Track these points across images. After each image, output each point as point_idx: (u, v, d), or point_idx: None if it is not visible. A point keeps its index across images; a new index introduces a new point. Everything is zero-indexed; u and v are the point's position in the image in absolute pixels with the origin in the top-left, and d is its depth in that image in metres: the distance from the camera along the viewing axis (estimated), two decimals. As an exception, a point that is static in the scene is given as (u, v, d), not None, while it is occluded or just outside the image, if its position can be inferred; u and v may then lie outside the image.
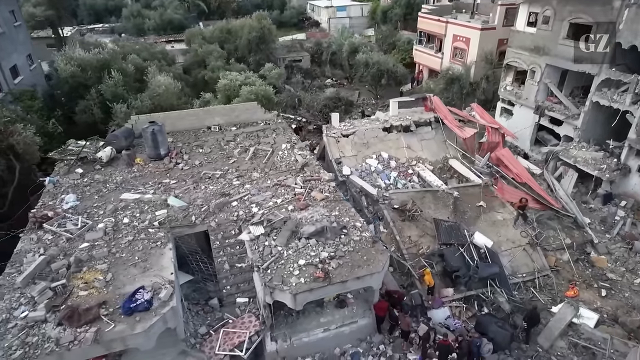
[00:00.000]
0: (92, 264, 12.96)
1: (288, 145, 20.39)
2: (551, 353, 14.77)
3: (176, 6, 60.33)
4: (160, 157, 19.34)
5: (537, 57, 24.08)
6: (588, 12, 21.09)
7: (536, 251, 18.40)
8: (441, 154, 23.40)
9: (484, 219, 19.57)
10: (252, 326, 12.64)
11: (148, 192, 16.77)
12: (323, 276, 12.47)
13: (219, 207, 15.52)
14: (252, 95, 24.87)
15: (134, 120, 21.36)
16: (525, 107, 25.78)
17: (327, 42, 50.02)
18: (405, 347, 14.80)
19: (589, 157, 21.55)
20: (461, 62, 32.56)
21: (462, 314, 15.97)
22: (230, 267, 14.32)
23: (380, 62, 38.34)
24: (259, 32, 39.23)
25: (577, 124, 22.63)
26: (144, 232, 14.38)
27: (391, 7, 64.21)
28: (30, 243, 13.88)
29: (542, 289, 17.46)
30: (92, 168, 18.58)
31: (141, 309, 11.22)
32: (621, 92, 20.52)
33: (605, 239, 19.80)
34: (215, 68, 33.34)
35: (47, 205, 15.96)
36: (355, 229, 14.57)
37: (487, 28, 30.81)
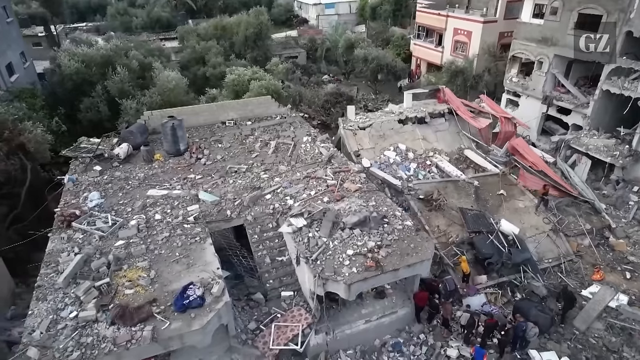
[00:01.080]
0: (131, 262, 12.48)
1: (309, 138, 20.13)
2: (588, 335, 14.99)
3: (163, 4, 59.11)
4: (179, 152, 18.81)
5: (544, 48, 24.49)
6: (598, 2, 21.55)
7: (559, 237, 18.68)
8: (455, 145, 23.53)
9: (505, 207, 19.75)
10: (304, 319, 12.38)
11: (175, 187, 16.27)
12: (374, 265, 12.33)
13: (253, 201, 15.17)
14: (263, 90, 24.48)
15: (147, 116, 20.74)
16: (532, 97, 26.21)
17: (321, 38, 49.87)
18: (445, 334, 14.80)
19: (600, 145, 22.04)
20: (463, 55, 32.90)
21: (497, 300, 16.06)
22: (272, 261, 14.00)
23: (380, 57, 38.47)
24: (257, 29, 38.74)
25: (587, 113, 23.12)
26: (180, 228, 13.93)
27: (380, 4, 64.53)
28: (61, 242, 13.27)
29: (569, 273, 17.73)
30: (110, 165, 17.92)
31: (195, 305, 10.85)
32: (632, 80, 21.03)
33: (621, 223, 20.27)
34: (216, 64, 32.73)
35: (71, 203, 15.30)
36: (395, 217, 14.46)
37: (489, 21, 31.21)
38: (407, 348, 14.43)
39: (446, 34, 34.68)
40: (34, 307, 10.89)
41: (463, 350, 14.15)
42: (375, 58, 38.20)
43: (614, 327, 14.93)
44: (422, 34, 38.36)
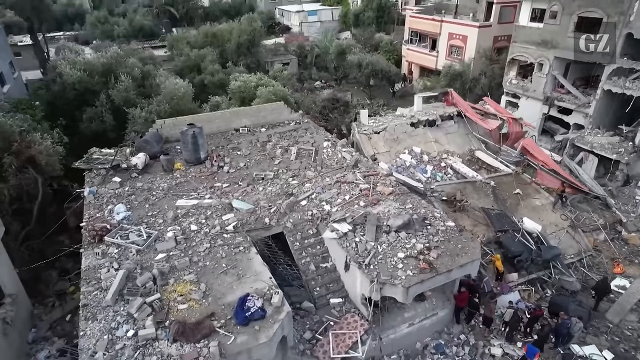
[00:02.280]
0: (177, 276, 11.95)
1: (329, 143, 19.99)
2: (622, 327, 15.37)
3: (144, 13, 57.86)
4: (200, 161, 18.28)
5: (545, 51, 25.30)
6: (598, 5, 22.44)
7: (578, 233, 19.17)
8: (466, 147, 23.89)
9: (523, 205, 20.12)
10: (360, 325, 12.14)
11: (204, 197, 15.77)
12: (428, 267, 12.25)
13: (290, 207, 14.86)
14: (272, 96, 24.18)
15: (159, 124, 20.11)
16: (532, 98, 26.98)
17: (310, 45, 49.94)
18: (486, 333, 14.86)
19: (605, 142, 22.86)
20: (458, 59, 33.59)
21: (530, 297, 16.27)
22: (316, 268, 13.70)
23: (374, 62, 38.82)
24: (250, 35, 38.39)
25: (589, 112, 23.94)
26: (220, 238, 13.48)
27: (363, 11, 65.35)
28: (96, 258, 12.59)
29: (591, 268, 18.18)
30: (129, 176, 17.21)
31: (257, 317, 10.46)
32: (632, 80, 21.95)
33: (631, 217, 21.00)
34: (214, 72, 32.15)
35: (96, 217, 14.57)
36: (436, 219, 14.47)
37: (484, 26, 32.05)
38: (449, 349, 14.40)
39: (440, 38, 35.36)
40: (85, 328, 10.24)
41: (507, 348, 14.26)
42: (370, 63, 38.52)
43: (644, 317, 15.38)
44: (414, 39, 38.93)
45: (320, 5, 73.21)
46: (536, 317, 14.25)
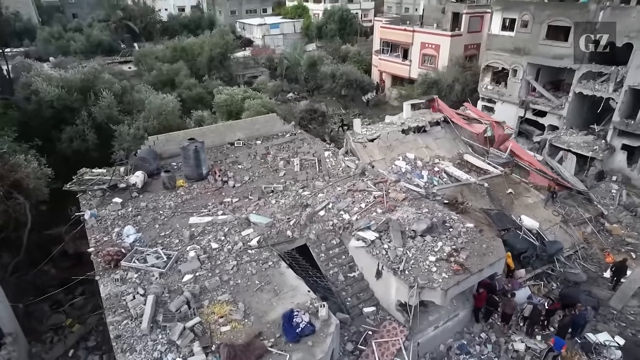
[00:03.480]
0: (210, 296, 11.37)
1: (329, 153, 19.95)
2: (625, 313, 16.30)
3: (101, 28, 55.52)
4: (202, 177, 17.62)
5: (518, 57, 26.77)
6: (566, 15, 24.11)
7: (569, 227, 20.23)
8: (454, 151, 24.65)
9: (517, 204, 20.99)
10: (400, 331, 12.05)
11: (217, 213, 15.18)
12: (461, 268, 12.43)
13: (309, 219, 14.61)
14: (261, 108, 23.86)
15: (152, 141, 19.24)
16: (508, 103, 28.39)
17: (278, 57, 49.93)
18: (505, 329, 15.21)
19: (580, 141, 24.42)
20: (431, 67, 34.80)
21: (540, 291, 16.90)
22: (345, 278, 13.51)
23: (348, 72, 39.40)
24: (223, 49, 37.83)
25: (563, 113, 25.52)
26: (245, 255, 13.00)
27: (325, 23, 66.39)
28: (115, 285, 11.72)
29: (586, 259, 19.21)
30: (130, 196, 16.27)
31: (308, 333, 10.14)
32: (601, 82, 23.68)
33: (611, 210, 22.47)
34: (191, 86, 31.30)
35: (104, 241, 13.61)
36: (454, 221, 14.75)
37: (455, 35, 33.46)
38: (472, 348, 14.59)
39: (413, 48, 36.51)
40: (125, 362, 9.46)
41: (528, 342, 14.67)
42: (344, 73, 39.06)
43: (646, 303, 16.41)
44: (386, 49, 39.94)
45: (281, 18, 73.52)
46: (554, 310, 14.81)
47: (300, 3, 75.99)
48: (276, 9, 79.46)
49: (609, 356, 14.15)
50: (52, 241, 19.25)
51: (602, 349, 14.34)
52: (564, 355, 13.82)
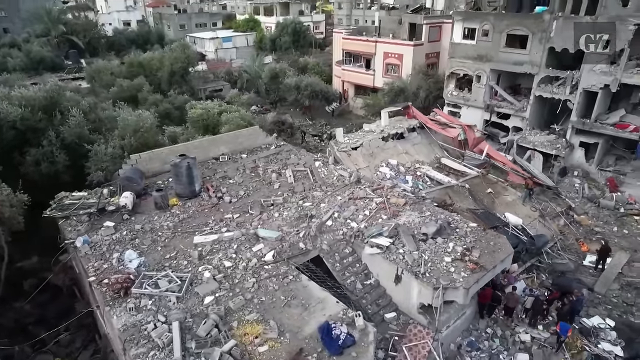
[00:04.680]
0: (237, 317, 10.87)
1: (320, 163, 19.92)
2: (608, 296, 17.53)
3: (42, 43, 52.03)
4: (195, 194, 16.90)
5: (481, 64, 28.35)
6: (523, 24, 25.93)
7: (546, 221, 21.54)
8: (432, 155, 25.52)
9: (498, 202, 22.05)
10: (426, 334, 12.15)
11: (221, 230, 14.59)
12: (477, 267, 12.81)
13: (319, 229, 14.45)
14: (240, 121, 23.41)
15: (135, 159, 18.22)
16: (473, 107, 29.90)
17: (237, 70, 49.32)
18: (509, 322, 15.82)
19: (544, 140, 26.20)
20: (395, 76, 35.93)
21: (533, 283, 17.77)
22: (363, 286, 13.44)
23: (312, 83, 39.73)
24: (184, 63, 36.78)
25: (525, 115, 27.29)
26: (262, 271, 12.59)
27: (279, 36, 66.64)
28: (130, 314, 10.88)
29: (564, 250, 20.51)
30: (121, 218, 15.24)
31: (349, 344, 10.01)
32: (558, 86, 25.64)
33: (576, 202, 24.20)
34: (157, 102, 30.07)
35: (104, 269, 12.63)
36: (457, 222, 15.20)
37: (417, 44, 34.83)
38: (481, 344, 15.03)
39: (376, 58, 37.53)
40: (165, 396, 8.77)
41: (532, 333, 15.34)
42: (309, 85, 39.34)
43: (624, 286, 17.75)
44: (348, 60, 40.75)
45: (233, 31, 72.82)
46: (553, 299, 15.63)
47: (252, 16, 75.91)
48: (226, 23, 78.67)
49: (606, 337, 15.13)
50: (23, 274, 17.65)
51: (598, 332, 15.31)
52: (568, 342, 14.61)
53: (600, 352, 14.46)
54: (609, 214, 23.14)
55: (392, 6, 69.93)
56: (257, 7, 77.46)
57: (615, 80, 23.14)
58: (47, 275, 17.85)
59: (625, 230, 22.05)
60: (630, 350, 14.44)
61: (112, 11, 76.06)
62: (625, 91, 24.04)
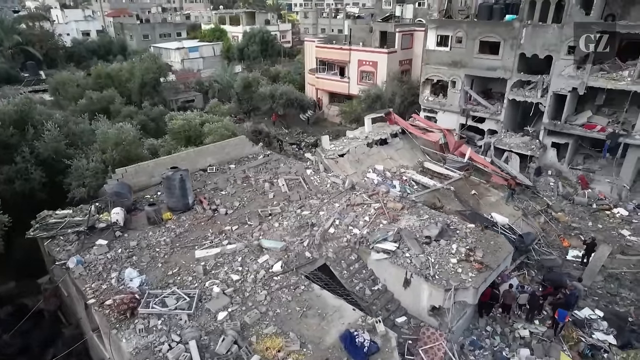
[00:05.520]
0: (254, 331, 10.56)
1: (311, 171, 19.83)
2: (594, 288, 18.38)
3: (-6, 54, 49.33)
4: (188, 207, 16.36)
5: (456, 70, 29.29)
6: (495, 32, 27.07)
7: (529, 219, 22.40)
8: (415, 160, 26.02)
9: (482, 203, 22.73)
10: (439, 335, 12.25)
11: (222, 243, 14.17)
12: (482, 266, 13.09)
13: (324, 238, 14.33)
14: (224, 131, 23.00)
15: (120, 173, 17.46)
16: (449, 112, 30.78)
17: (208, 81, 48.50)
18: (506, 319, 16.24)
19: (519, 142, 27.31)
20: (370, 83, 36.49)
21: (525, 279, 18.36)
22: (371, 292, 13.41)
23: (287, 92, 39.67)
24: (156, 73, 35.78)
25: (500, 119, 28.38)
26: (272, 282, 12.31)
27: (246, 45, 66.28)
28: (140, 336, 10.33)
29: (547, 246, 21.37)
30: (113, 236, 14.50)
31: (374, 351, 9.97)
32: (530, 89, 26.88)
33: (553, 200, 25.33)
34: (132, 113, 29.03)
35: (103, 290, 11.94)
36: (455, 224, 15.51)
37: (391, 52, 35.55)
38: (483, 342, 15.35)
39: (350, 65, 37.98)
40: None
41: (530, 328, 15.81)
42: (284, 93, 39.25)
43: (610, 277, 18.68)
44: (322, 68, 41.02)
45: (198, 41, 71.70)
46: (547, 294, 16.20)
47: (218, 26, 75.10)
48: (191, 33, 77.40)
49: (599, 328, 15.82)
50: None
51: (591, 323, 15.98)
52: (565, 334, 15.18)
53: (595, 342, 15.08)
54: (583, 210, 24.38)
55: (358, 15, 71.60)
56: (223, 17, 76.83)
57: (582, 83, 24.49)
58: (26, 301, 16.81)
59: (599, 225, 23.27)
60: (623, 338, 15.16)
61: (70, 21, 73.06)
62: (590, 94, 25.48)
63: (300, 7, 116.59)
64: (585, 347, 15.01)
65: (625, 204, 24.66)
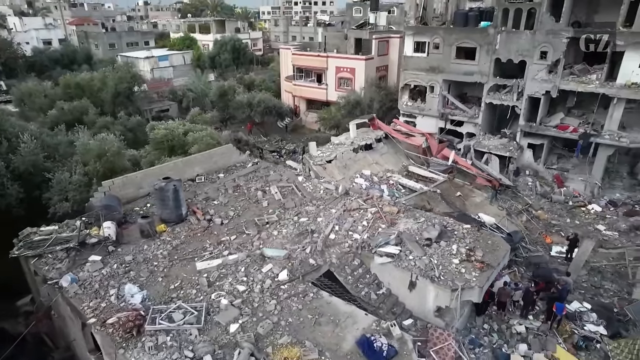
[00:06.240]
0: (269, 342, 10.34)
1: (301, 178, 19.74)
2: (579, 282, 19.12)
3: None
4: (181, 218, 15.90)
5: (434, 75, 30.00)
6: (471, 38, 27.96)
7: (513, 218, 23.12)
8: (399, 164, 26.38)
9: (468, 204, 23.29)
10: (447, 335, 12.37)
11: (222, 254, 13.84)
12: (484, 265, 13.37)
13: (326, 244, 14.25)
14: (209, 139, 22.58)
15: (107, 186, 16.79)
16: (428, 116, 31.45)
17: (182, 90, 47.54)
18: (502, 316, 16.62)
19: (498, 144, 28.22)
20: (348, 89, 36.81)
21: (516, 276, 18.87)
22: (377, 296, 13.41)
23: (265, 100, 39.43)
24: (130, 83, 34.74)
25: (478, 122, 29.25)
26: (280, 291, 12.12)
27: (218, 53, 65.49)
28: (150, 354, 9.91)
29: (532, 243, 22.10)
30: (105, 251, 13.88)
31: (393, 355, 10.00)
32: (506, 93, 27.89)
33: (532, 199, 26.26)
34: (107, 124, 28.01)
35: (103, 308, 11.40)
36: (451, 224, 15.80)
37: (369, 58, 36.04)
38: (482, 340, 15.64)
39: (328, 72, 38.22)
40: None
41: (525, 323, 16.23)
42: (262, 101, 38.99)
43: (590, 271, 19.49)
44: (299, 75, 41.07)
45: (167, 50, 70.34)
46: (540, 290, 16.70)
47: (187, 35, 73.91)
48: (160, 42, 75.82)
49: (589, 320, 16.44)
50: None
51: (582, 315, 16.59)
52: (559, 328, 15.68)
53: (587, 334, 15.66)
54: (561, 208, 25.37)
55: (329, 23, 72.28)
56: (193, 25, 75.72)
57: (554, 86, 25.64)
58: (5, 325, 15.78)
59: (576, 221, 24.28)
60: (612, 328, 15.81)
61: (30, 29, 69.96)
62: (562, 96, 26.69)
63: (268, 15, 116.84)
64: (579, 339, 15.56)
65: (597, 200, 25.86)
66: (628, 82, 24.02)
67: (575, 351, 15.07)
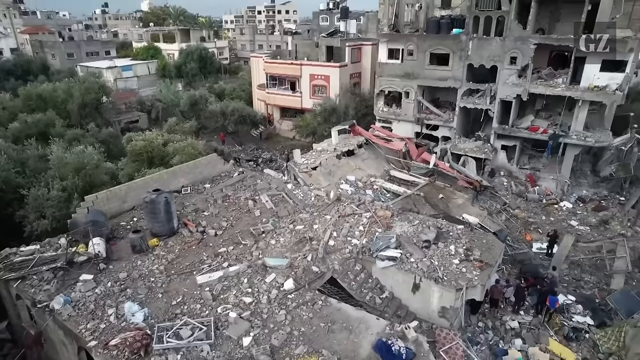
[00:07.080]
0: (284, 353, 10.10)
1: (291, 186, 19.57)
2: (560, 275, 19.95)
3: None
4: (173, 231, 15.34)
5: (409, 81, 30.68)
6: (444, 45, 28.85)
7: (494, 217, 23.86)
8: (381, 169, 26.68)
9: (451, 206, 23.83)
10: (454, 335, 12.52)
11: (221, 266, 13.43)
12: (483, 264, 13.68)
13: (326, 251, 14.14)
14: (191, 149, 22.01)
15: (91, 200, 15.98)
16: (404, 121, 32.09)
17: (150, 100, 46.16)
18: (495, 313, 17.05)
19: (473, 146, 29.14)
20: (323, 97, 36.97)
21: (504, 274, 19.43)
22: (381, 300, 13.41)
23: (239, 108, 38.93)
24: (99, 93, 33.36)
25: (453, 125, 30.13)
26: (288, 300, 11.89)
27: (184, 63, 64.23)
28: (161, 376, 9.44)
29: (515, 241, 22.89)
30: (96, 269, 13.15)
31: (411, 357, 9.98)
32: (479, 97, 28.91)
33: (509, 199, 27.24)
34: (77, 136, 26.71)
35: (102, 329, 10.77)
36: (444, 226, 16.10)
37: (342, 65, 36.39)
38: (478, 338, 15.97)
39: (302, 80, 38.26)
40: None
41: (518, 319, 16.72)
42: (236, 110, 38.48)
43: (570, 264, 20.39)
44: (272, 83, 40.89)
45: (131, 60, 68.27)
46: (530, 285, 17.27)
47: (151, 44, 72.06)
48: (122, 51, 73.47)
49: (576, 311, 17.15)
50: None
51: (569, 307, 17.28)
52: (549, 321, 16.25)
53: (576, 325, 16.32)
54: (536, 206, 26.45)
55: (296, 31, 72.66)
56: (156, 34, 73.97)
57: (525, 90, 26.84)
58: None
59: (551, 218, 25.37)
60: (598, 318, 16.56)
61: (-22, 39, 66.20)
62: (531, 99, 27.98)
63: (231, 23, 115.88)
64: (569, 330, 16.19)
65: (568, 197, 27.17)
66: (591, 85, 25.47)
67: (566, 342, 15.65)
